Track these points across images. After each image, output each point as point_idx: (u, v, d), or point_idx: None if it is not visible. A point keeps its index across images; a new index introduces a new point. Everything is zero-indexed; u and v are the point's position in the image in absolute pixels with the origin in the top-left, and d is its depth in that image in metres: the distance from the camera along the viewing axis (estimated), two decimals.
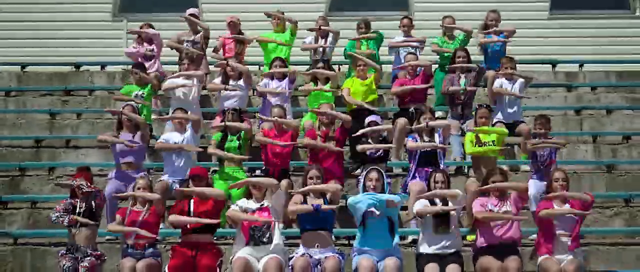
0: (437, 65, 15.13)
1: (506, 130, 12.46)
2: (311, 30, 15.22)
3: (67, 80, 16.68)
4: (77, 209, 10.57)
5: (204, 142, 13.24)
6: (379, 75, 14.07)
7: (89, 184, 10.70)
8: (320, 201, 10.35)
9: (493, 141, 12.11)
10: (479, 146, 12.03)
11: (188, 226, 10.29)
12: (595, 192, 12.95)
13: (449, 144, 12.80)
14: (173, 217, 10.33)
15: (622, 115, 15.24)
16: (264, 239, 10.27)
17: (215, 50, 15.27)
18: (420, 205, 10.38)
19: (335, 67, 15.60)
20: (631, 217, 12.47)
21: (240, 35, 15.14)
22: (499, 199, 10.44)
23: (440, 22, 15.47)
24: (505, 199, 10.46)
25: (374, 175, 10.42)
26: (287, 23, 15.22)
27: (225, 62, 13.97)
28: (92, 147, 14.16)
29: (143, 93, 13.67)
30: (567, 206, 10.35)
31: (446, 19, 15.37)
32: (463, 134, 12.94)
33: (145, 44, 15.24)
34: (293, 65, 14.93)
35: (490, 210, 10.35)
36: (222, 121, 12.62)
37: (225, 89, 13.63)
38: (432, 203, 10.40)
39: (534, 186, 11.86)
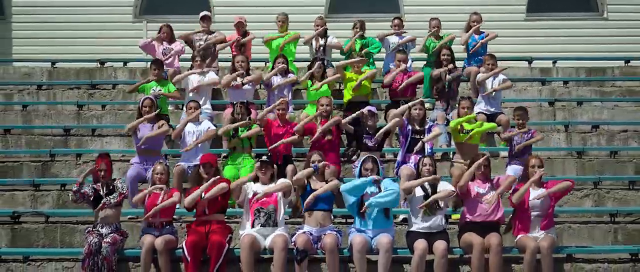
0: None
1: (494, 124, 12.47)
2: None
3: (92, 75, 16.65)
4: (101, 192, 10.57)
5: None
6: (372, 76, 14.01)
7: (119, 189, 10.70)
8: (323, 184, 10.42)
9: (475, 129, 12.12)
10: (463, 133, 12.01)
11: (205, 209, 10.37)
12: (567, 175, 13.02)
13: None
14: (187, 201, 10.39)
15: (591, 107, 15.21)
16: (270, 222, 10.30)
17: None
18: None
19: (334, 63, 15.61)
20: (599, 198, 12.45)
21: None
22: (483, 181, 10.43)
23: (427, 22, 15.43)
24: (489, 181, 10.44)
25: (369, 165, 10.45)
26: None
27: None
28: (115, 135, 14.17)
29: (160, 89, 13.62)
30: (542, 190, 10.32)
31: (433, 21, 15.32)
32: (448, 123, 12.90)
33: (164, 43, 15.16)
34: (295, 62, 14.98)
35: (478, 192, 10.35)
36: (232, 113, 12.55)
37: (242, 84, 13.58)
38: (422, 187, 10.40)
39: (512, 171, 11.85)
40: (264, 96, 14.60)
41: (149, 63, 14.36)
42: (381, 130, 11.80)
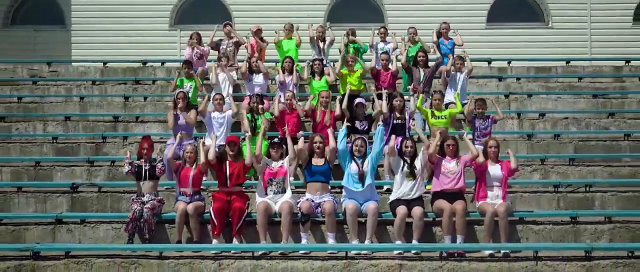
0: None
1: (456, 109, 12.39)
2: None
3: (136, 73, 16.61)
4: (143, 167, 10.52)
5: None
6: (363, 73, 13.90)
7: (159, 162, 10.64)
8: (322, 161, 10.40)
9: (444, 116, 12.02)
10: (435, 119, 11.95)
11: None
12: (518, 154, 12.94)
13: (414, 119, 12.74)
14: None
15: (538, 99, 15.17)
16: (279, 190, 10.25)
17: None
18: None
19: (330, 63, 15.55)
20: (545, 172, 12.40)
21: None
22: (451, 157, 10.36)
23: (406, 30, 15.35)
24: (457, 158, 10.37)
25: (359, 142, 10.41)
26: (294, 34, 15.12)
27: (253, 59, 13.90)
28: (155, 121, 14.14)
29: (191, 85, 13.54)
30: (498, 166, 10.27)
31: (410, 29, 15.24)
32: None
33: (195, 49, 15.08)
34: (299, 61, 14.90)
35: (446, 166, 10.26)
36: (249, 104, 12.46)
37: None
38: (401, 156, 10.32)
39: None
40: (274, 90, 14.52)
41: (181, 63, 14.30)
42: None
